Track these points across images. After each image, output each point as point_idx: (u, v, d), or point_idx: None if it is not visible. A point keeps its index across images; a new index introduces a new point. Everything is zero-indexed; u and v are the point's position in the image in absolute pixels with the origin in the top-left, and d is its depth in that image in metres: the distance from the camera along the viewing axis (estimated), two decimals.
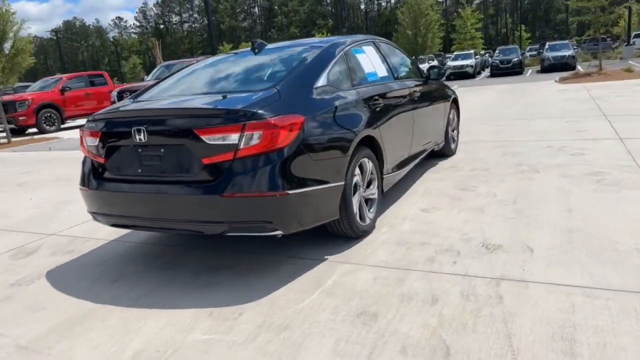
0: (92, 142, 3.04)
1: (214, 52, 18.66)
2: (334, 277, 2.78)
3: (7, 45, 12.21)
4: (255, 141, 2.57)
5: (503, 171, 4.79)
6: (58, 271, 3.32)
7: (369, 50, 4.00)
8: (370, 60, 3.90)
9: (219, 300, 2.63)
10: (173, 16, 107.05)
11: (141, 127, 2.74)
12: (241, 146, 2.57)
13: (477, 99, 13.14)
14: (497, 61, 25.19)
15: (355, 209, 3.21)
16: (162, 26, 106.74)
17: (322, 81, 3.16)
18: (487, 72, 27.57)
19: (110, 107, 3.36)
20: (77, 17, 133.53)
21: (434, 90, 5.09)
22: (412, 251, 3.06)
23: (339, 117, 3.08)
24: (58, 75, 18.38)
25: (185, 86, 3.44)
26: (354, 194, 3.25)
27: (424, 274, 2.74)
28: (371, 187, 3.50)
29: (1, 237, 4.25)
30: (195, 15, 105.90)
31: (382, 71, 4.00)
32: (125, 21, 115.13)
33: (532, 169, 4.75)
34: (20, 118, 14.75)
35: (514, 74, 23.52)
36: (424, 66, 25.20)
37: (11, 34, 12.15)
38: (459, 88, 18.71)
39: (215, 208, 2.61)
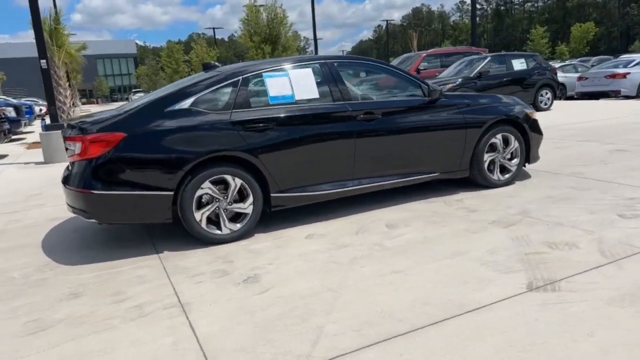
0: None
1: (474, 42, 18.21)
2: (123, 268, 3.47)
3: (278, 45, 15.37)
4: (80, 150, 3.51)
5: (484, 217, 3.99)
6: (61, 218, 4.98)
7: (302, 73, 4.10)
8: (292, 84, 4.04)
9: (53, 257, 3.74)
10: None
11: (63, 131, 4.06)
12: (76, 152, 3.55)
13: None
14: None
15: (199, 217, 3.69)
16: (502, 7, 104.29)
17: (184, 105, 3.72)
18: None
19: None
20: (424, 3, 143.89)
21: (441, 114, 4.52)
22: (202, 265, 3.39)
23: (181, 136, 3.60)
24: None
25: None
26: (207, 205, 3.73)
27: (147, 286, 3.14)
28: (243, 202, 3.83)
29: None
30: None
31: (306, 94, 4.05)
32: (468, 4, 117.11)
33: (513, 222, 3.81)
34: None
35: None
36: None
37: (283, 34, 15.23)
38: None
39: (67, 195, 3.70)
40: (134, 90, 41.19)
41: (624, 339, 2.12)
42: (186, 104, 3.74)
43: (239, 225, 3.84)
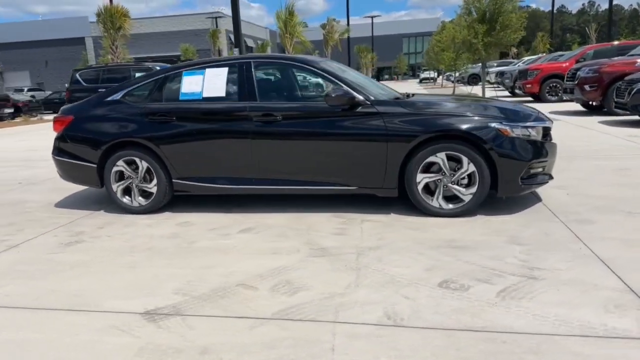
0: None
1: None
2: (66, 215, 4.71)
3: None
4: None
5: (323, 243, 3.58)
6: None
7: (216, 72, 4.36)
8: (204, 82, 4.37)
9: (61, 198, 5.26)
10: None
11: None
12: None
13: None
14: None
15: (115, 188, 4.59)
16: None
17: (117, 97, 4.59)
18: None
19: None
20: None
21: (356, 122, 4.02)
22: (88, 226, 4.30)
23: (106, 121, 4.52)
24: (585, 47, 17.56)
25: None
26: (123, 179, 4.59)
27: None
28: (149, 183, 4.54)
29: None
30: None
31: (214, 92, 4.29)
32: None
33: (322, 255, 3.33)
34: (527, 86, 16.27)
35: None
36: None
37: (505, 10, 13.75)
38: None
39: None
40: (423, 68, 42.78)
41: None
42: (118, 95, 4.62)
43: (144, 201, 4.56)
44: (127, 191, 4.61)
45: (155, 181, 4.48)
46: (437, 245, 3.37)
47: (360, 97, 4.03)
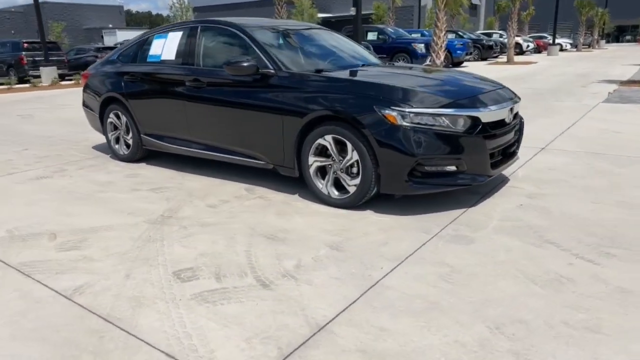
0: None
1: None
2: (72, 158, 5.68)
3: None
4: None
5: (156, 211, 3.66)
6: None
7: (174, 36, 4.57)
8: (164, 45, 4.63)
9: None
10: None
11: None
12: None
13: None
14: None
15: (110, 137, 5.34)
16: None
17: (115, 57, 5.23)
18: None
19: None
20: None
21: (265, 93, 3.81)
22: (75, 167, 5.14)
23: (103, 78, 5.21)
24: None
25: None
26: (114, 130, 5.31)
27: None
28: (128, 135, 5.15)
29: None
30: None
31: (169, 56, 4.53)
32: None
33: (155, 221, 3.42)
34: None
35: None
36: None
37: None
38: None
39: None
40: None
41: None
42: (115, 56, 5.24)
43: (126, 150, 5.19)
44: (118, 140, 5.30)
45: (131, 134, 5.04)
46: (259, 233, 3.12)
47: (269, 68, 3.81)
